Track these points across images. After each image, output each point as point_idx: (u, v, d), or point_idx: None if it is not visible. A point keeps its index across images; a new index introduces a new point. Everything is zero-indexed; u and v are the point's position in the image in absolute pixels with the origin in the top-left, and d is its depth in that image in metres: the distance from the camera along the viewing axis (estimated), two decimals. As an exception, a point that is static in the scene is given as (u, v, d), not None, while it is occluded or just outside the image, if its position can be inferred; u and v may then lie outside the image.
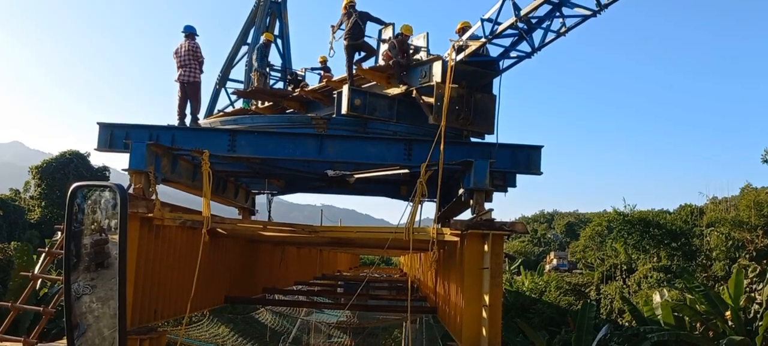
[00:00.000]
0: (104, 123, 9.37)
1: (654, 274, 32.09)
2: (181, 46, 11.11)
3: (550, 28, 8.58)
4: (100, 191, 2.72)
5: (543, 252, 76.85)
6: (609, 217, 40.21)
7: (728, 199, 40.48)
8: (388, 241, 9.29)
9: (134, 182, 8.59)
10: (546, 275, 46.67)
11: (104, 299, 2.72)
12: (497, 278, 8.06)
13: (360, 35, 10.78)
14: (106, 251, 2.72)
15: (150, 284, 8.70)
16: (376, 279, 25.83)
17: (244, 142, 9.42)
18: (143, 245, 8.41)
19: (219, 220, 9.47)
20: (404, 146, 9.30)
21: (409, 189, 9.75)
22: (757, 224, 25.97)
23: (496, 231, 8.06)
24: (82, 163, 42.90)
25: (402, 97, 10.40)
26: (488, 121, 9.63)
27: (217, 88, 15.54)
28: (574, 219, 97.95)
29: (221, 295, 12.03)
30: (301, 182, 13.46)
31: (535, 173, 9.31)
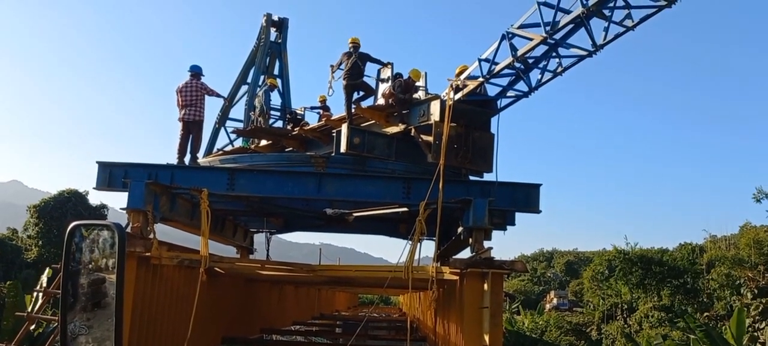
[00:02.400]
0: (103, 162, 9.38)
1: (655, 313, 31.81)
2: (186, 85, 11.19)
3: (547, 67, 8.69)
4: (99, 230, 2.71)
5: (543, 291, 76.33)
6: (610, 255, 40.08)
7: (728, 237, 40.44)
8: (387, 280, 9.23)
9: (132, 221, 8.55)
10: (546, 315, 46.23)
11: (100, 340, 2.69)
12: (497, 318, 7.98)
13: (359, 75, 10.90)
14: (103, 290, 2.70)
15: (146, 325, 8.59)
16: (375, 319, 25.51)
17: (243, 181, 9.42)
18: (140, 285, 8.34)
19: (217, 259, 9.41)
20: (403, 185, 9.30)
21: (408, 227, 9.71)
22: (757, 262, 25.87)
23: (495, 270, 8.00)
24: (81, 202, 42.78)
25: (400, 135, 10.45)
26: (487, 160, 9.65)
27: (217, 127, 15.62)
28: (574, 258, 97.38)
29: (218, 335, 11.88)
30: (300, 221, 13.43)
31: (534, 211, 9.29)
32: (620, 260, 35.92)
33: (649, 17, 7.21)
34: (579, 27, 7.76)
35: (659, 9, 6.99)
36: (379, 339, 17.25)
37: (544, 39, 7.86)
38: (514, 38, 8.31)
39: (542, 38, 7.85)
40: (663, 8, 6.94)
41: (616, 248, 38.83)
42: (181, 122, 11.14)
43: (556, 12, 7.63)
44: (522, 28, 8.20)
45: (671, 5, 6.82)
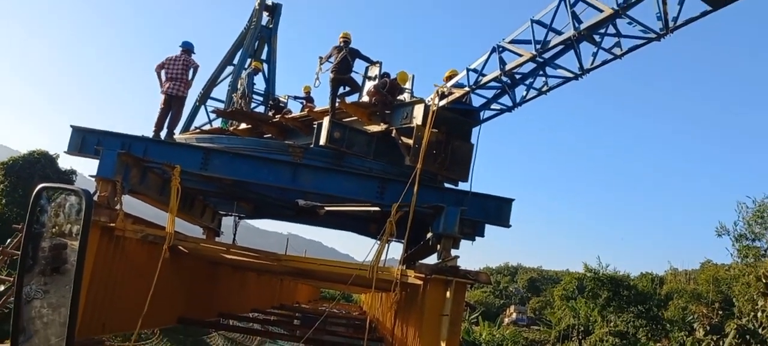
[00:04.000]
0: (77, 127, 9.20)
1: (609, 339, 32.31)
2: (175, 59, 11.01)
3: (533, 85, 8.77)
4: (66, 195, 2.63)
5: (504, 305, 76.90)
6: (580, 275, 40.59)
7: (689, 271, 41.31)
8: (352, 277, 9.20)
9: (100, 190, 8.39)
10: (504, 328, 46.65)
11: (55, 306, 2.61)
12: (456, 326, 8.02)
13: (347, 70, 10.86)
14: (63, 256, 2.63)
15: (102, 296, 8.44)
16: (335, 315, 25.45)
17: (218, 162, 9.31)
18: (101, 255, 8.20)
19: (182, 238, 9.28)
20: (378, 184, 9.28)
21: (378, 227, 9.70)
22: (714, 300, 26.45)
23: (460, 279, 8.04)
24: (50, 165, 41.80)
25: (381, 135, 10.44)
26: (464, 169, 9.69)
27: (197, 105, 15.44)
28: (538, 275, 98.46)
29: (175, 315, 11.73)
30: (271, 209, 13.34)
31: (504, 225, 9.36)
32: (590, 280, 36.45)
33: (637, 48, 7.31)
34: (568, 49, 7.83)
35: (649, 41, 7.09)
36: (337, 336, 17.22)
37: (533, 56, 7.92)
38: (504, 52, 8.36)
39: (531, 56, 7.91)
40: (652, 40, 7.04)
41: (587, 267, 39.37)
42: (163, 95, 10.96)
43: (548, 31, 7.69)
44: (513, 43, 8.25)
45: (660, 39, 6.91)
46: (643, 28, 7.03)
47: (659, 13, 6.73)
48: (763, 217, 27.47)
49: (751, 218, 27.70)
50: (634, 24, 7.05)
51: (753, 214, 27.77)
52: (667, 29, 6.72)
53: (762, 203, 27.69)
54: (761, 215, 27.51)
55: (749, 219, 27.74)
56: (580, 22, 7.35)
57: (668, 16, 6.67)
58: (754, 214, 27.71)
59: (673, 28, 6.67)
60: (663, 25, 6.74)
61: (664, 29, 6.75)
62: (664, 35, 6.82)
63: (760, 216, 27.53)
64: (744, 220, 27.99)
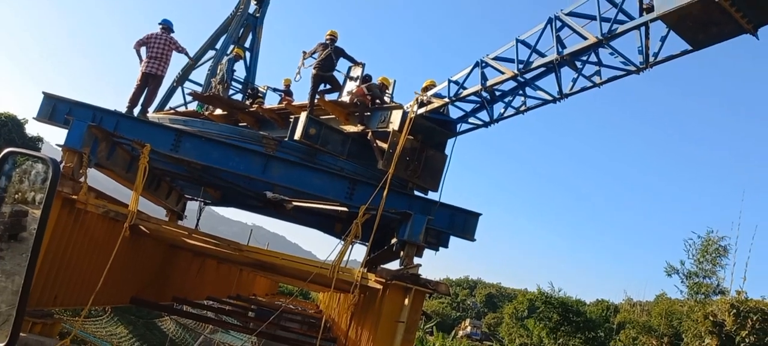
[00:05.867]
0: (49, 94, 9.03)
1: (560, 362, 32.78)
2: (155, 37, 10.86)
3: (512, 103, 8.87)
4: (33, 162, 2.57)
5: (459, 317, 77.45)
6: (532, 295, 41.12)
7: (643, 303, 42.10)
8: (312, 275, 9.16)
9: (66, 160, 8.21)
10: (457, 341, 46.96)
11: (9, 274, 2.55)
12: (411, 334, 8.05)
13: (330, 68, 10.85)
14: (23, 223, 2.56)
15: (56, 268, 8.25)
16: (291, 311, 25.31)
17: (189, 145, 9.19)
18: (59, 227, 8.02)
19: (144, 218, 9.12)
20: (348, 185, 9.28)
21: (344, 228, 9.70)
22: (665, 333, 26.98)
23: (419, 287, 8.07)
24: (16, 130, 40.77)
25: (357, 136, 10.44)
26: (435, 179, 9.75)
27: (174, 86, 15.22)
28: (496, 291, 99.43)
29: (128, 294, 11.53)
30: (238, 198, 13.20)
31: (469, 238, 9.44)
32: (542, 302, 36.94)
33: (616, 78, 7.46)
34: (549, 72, 7.96)
35: (628, 73, 7.24)
36: (290, 332, 17.13)
37: (514, 75, 8.01)
38: (487, 68, 8.44)
39: (513, 74, 8.00)
40: (631, 73, 7.19)
41: (539, 289, 39.89)
42: (141, 73, 10.79)
43: (531, 52, 7.80)
44: (497, 60, 8.34)
45: (640, 72, 7.06)
46: (623, 60, 7.17)
47: (641, 47, 6.87)
48: (708, 251, 28.14)
49: (699, 255, 28.35)
50: (615, 55, 7.19)
51: (699, 250, 28.43)
52: (647, 63, 6.86)
53: (706, 239, 28.35)
54: (706, 251, 28.17)
55: (697, 257, 28.39)
56: (563, 46, 7.47)
57: (649, 51, 6.82)
58: (700, 250, 28.37)
59: (652, 63, 6.81)
60: (643, 59, 6.89)
61: (644, 63, 6.89)
62: (643, 69, 6.96)
63: (705, 251, 28.19)
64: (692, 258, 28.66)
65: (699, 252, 28.03)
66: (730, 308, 19.35)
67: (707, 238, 28.23)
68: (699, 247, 28.18)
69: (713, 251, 27.67)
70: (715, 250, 27.71)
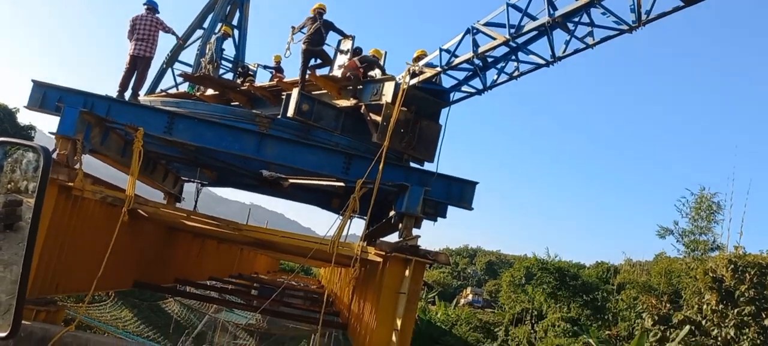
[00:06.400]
0: (39, 81, 8.95)
1: (562, 323, 33.20)
2: (141, 19, 10.76)
3: (504, 69, 8.83)
4: (24, 150, 2.57)
5: (461, 286, 78.24)
6: (529, 262, 41.53)
7: (643, 263, 42.53)
8: (312, 251, 9.21)
9: (60, 148, 8.18)
10: (459, 309, 47.46)
11: (7, 263, 2.56)
12: (413, 305, 8.12)
13: (320, 42, 10.76)
14: (18, 213, 2.57)
15: (56, 256, 8.28)
16: (293, 287, 25.48)
17: (183, 127, 9.15)
18: (57, 214, 8.02)
19: (142, 201, 9.13)
20: (344, 159, 9.27)
21: (342, 202, 9.71)
22: (665, 291, 27.32)
23: (419, 258, 8.12)
24: (8, 119, 40.55)
25: (350, 110, 10.41)
26: (430, 150, 9.74)
27: (164, 68, 15.10)
28: (496, 259, 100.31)
29: (130, 278, 11.59)
30: (234, 178, 13.20)
31: (467, 207, 9.46)
32: (538, 269, 37.33)
33: (609, 39, 7.42)
34: (542, 35, 7.92)
35: (620, 32, 7.21)
36: (294, 307, 17.28)
37: (506, 41, 7.97)
38: (478, 34, 8.39)
39: (505, 40, 7.96)
40: (624, 32, 7.16)
41: (535, 256, 40.26)
42: (129, 56, 10.71)
43: (523, 16, 7.75)
44: (488, 25, 8.29)
45: (632, 31, 7.04)
46: (616, 19, 7.14)
47: (633, 6, 6.84)
48: (701, 209, 28.41)
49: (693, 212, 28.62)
50: (607, 14, 7.15)
51: (693, 208, 28.70)
52: (640, 22, 6.83)
53: (699, 196, 28.61)
54: (699, 208, 28.45)
55: (692, 215, 28.67)
56: (555, 8, 7.43)
57: (641, 9, 6.78)
58: (694, 208, 28.64)
59: (645, 21, 6.79)
60: (636, 17, 6.85)
61: (637, 22, 6.86)
62: (636, 28, 6.93)
63: (699, 209, 28.47)
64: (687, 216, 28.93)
65: (693, 210, 28.29)
66: (728, 263, 19.56)
67: (700, 195, 28.47)
68: (692, 205, 28.43)
69: (707, 208, 27.94)
70: (708, 207, 27.98)
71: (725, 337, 18.31)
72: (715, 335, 18.70)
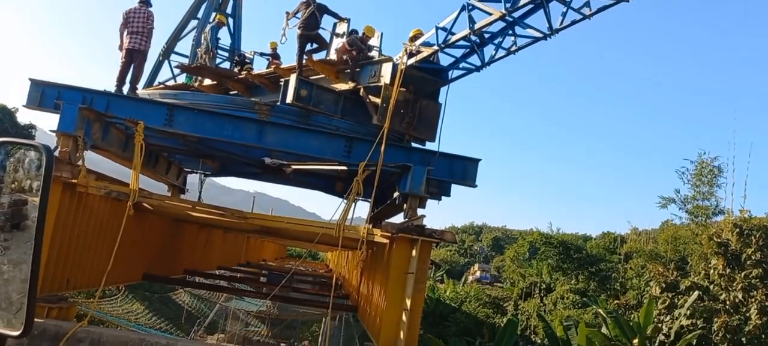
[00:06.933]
0: (36, 80, 8.94)
1: (570, 295, 33.33)
2: (135, 12, 10.74)
3: (502, 45, 8.79)
4: (25, 149, 2.57)
5: (468, 263, 78.46)
6: (532, 237, 41.64)
7: (649, 231, 42.55)
8: (318, 236, 9.25)
9: (61, 145, 8.22)
10: (468, 286, 47.67)
11: (16, 263, 2.57)
12: (421, 284, 8.16)
13: (315, 26, 10.71)
14: (24, 212, 2.58)
15: (65, 253, 8.34)
16: (301, 272, 25.64)
17: (183, 119, 9.16)
18: (63, 212, 8.07)
19: (146, 194, 9.17)
20: (345, 143, 9.28)
21: (345, 186, 9.74)
22: (672, 258, 27.39)
23: (425, 238, 8.15)
24: (8, 119, 40.63)
25: (349, 94, 10.39)
26: (431, 129, 9.74)
27: (161, 60, 15.05)
28: (502, 234, 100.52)
29: (140, 271, 11.67)
30: (237, 166, 13.23)
31: (470, 185, 9.48)
32: (542, 243, 37.44)
33: (607, 8, 7.38)
34: (538, 8, 7.86)
35: (618, 1, 7.17)
36: (303, 292, 17.40)
37: (502, 15, 7.92)
38: (474, 10, 8.33)
39: (501, 14, 7.91)
40: (622, 1, 7.12)
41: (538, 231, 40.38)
42: (125, 49, 10.70)
43: (518, -11, 7.70)
44: (483, 1, 8.23)
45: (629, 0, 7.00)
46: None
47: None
48: (703, 174, 28.46)
49: (695, 178, 28.67)
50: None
51: (693, 175, 28.74)
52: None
53: (699, 162, 28.65)
54: (700, 173, 28.49)
55: (693, 181, 28.73)
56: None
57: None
58: (695, 174, 28.68)
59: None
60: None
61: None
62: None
63: (700, 174, 28.51)
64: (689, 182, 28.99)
65: (694, 176, 28.31)
66: (733, 227, 19.57)
67: (700, 161, 28.48)
68: (693, 171, 28.45)
69: (708, 173, 27.96)
70: (709, 172, 28.01)
71: (733, 300, 18.35)
72: (723, 299, 18.75)
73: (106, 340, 7.75)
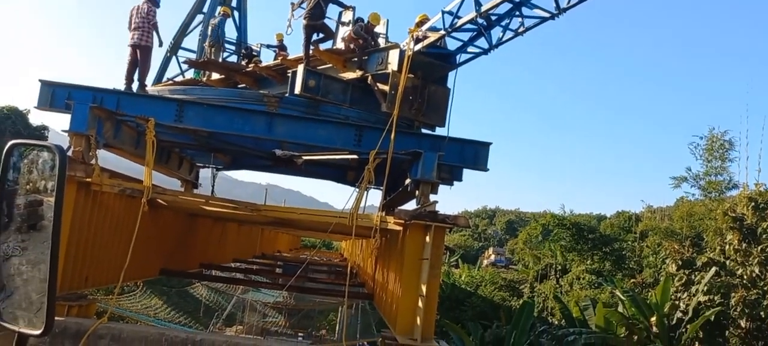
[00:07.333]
0: (46, 81, 9.01)
1: (586, 276, 33.29)
2: (139, 9, 10.79)
3: (509, 26, 8.71)
4: (39, 151, 2.60)
5: (482, 247, 78.50)
6: (545, 220, 41.57)
7: (663, 208, 42.33)
8: (332, 225, 9.29)
9: (74, 145, 8.29)
10: (483, 270, 47.72)
11: (34, 263, 2.61)
12: (436, 270, 8.17)
13: (320, 16, 10.69)
14: (40, 213, 2.61)
15: (83, 251, 8.44)
16: (316, 262, 25.76)
17: (192, 114, 9.21)
18: (79, 210, 8.16)
19: (160, 191, 9.25)
20: (355, 132, 9.28)
21: (357, 175, 9.74)
22: (687, 235, 27.24)
23: (439, 223, 8.15)
24: (21, 121, 41.01)
25: (357, 82, 10.38)
26: (440, 114, 9.72)
27: (168, 56, 15.11)
28: (515, 217, 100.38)
29: (157, 267, 11.79)
30: (248, 159, 13.28)
31: (482, 169, 9.45)
32: (555, 225, 37.40)
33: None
34: (545, -13, 7.79)
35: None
36: (319, 282, 17.49)
37: (508, -4, 7.85)
38: (480, -8, 8.27)
39: (507, -5, 7.85)
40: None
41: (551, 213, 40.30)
42: (129, 47, 10.75)
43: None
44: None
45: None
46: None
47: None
48: (714, 149, 28.25)
49: (706, 153, 28.46)
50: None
51: (705, 150, 28.53)
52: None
53: (710, 137, 28.42)
54: (712, 148, 28.28)
55: (705, 156, 28.53)
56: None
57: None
58: (706, 149, 28.46)
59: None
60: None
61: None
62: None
63: (711, 149, 28.30)
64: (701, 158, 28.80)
65: (705, 151, 28.11)
66: (748, 201, 19.41)
67: (711, 136, 28.24)
68: (704, 146, 28.24)
69: (719, 147, 27.77)
70: (720, 146, 27.80)
71: (750, 275, 18.25)
72: (740, 274, 18.65)
73: (127, 336, 7.84)
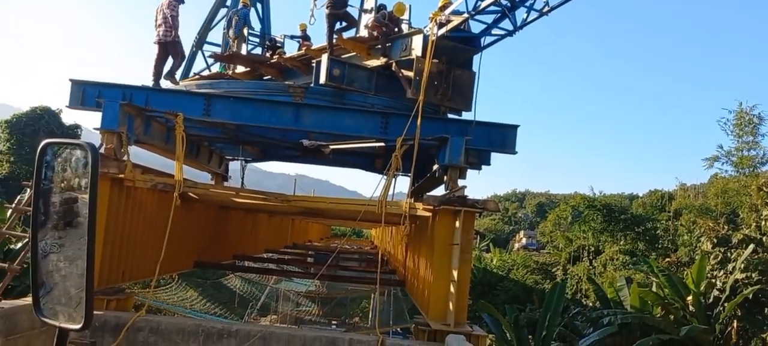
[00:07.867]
0: (76, 80, 9.17)
1: (620, 256, 32.84)
2: (162, 6, 10.88)
3: (534, 6, 8.58)
4: (71, 149, 2.64)
5: (513, 231, 78.08)
6: (575, 202, 41.09)
7: (697, 186, 41.47)
8: (361, 213, 9.31)
9: (106, 142, 8.45)
10: (514, 254, 47.44)
11: (72, 259, 2.66)
12: (467, 255, 8.15)
13: (343, 5, 10.67)
14: (75, 210, 2.66)
15: (119, 246, 8.63)
16: (347, 251, 25.95)
17: (220, 107, 9.30)
18: (113, 206, 8.32)
19: (191, 184, 9.38)
20: (381, 119, 9.27)
21: (384, 162, 9.74)
22: (723, 212, 26.67)
23: (468, 208, 8.11)
24: (53, 120, 42.00)
25: (381, 69, 10.35)
26: (466, 98, 9.64)
27: (194, 51, 15.23)
28: (546, 199, 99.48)
29: (191, 259, 11.98)
30: (276, 151, 13.38)
31: (510, 152, 9.37)
32: (585, 207, 36.94)
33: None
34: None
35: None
36: (350, 270, 17.61)
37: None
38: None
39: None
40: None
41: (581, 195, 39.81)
42: (156, 44, 10.84)
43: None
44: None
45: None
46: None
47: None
48: (742, 124, 27.54)
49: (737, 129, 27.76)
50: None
51: (734, 125, 27.83)
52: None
53: (738, 113, 27.71)
54: (740, 124, 27.57)
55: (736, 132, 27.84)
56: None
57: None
58: (736, 125, 27.76)
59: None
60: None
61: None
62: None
63: (740, 125, 27.59)
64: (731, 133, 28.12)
65: (735, 126, 27.49)
66: (785, 175, 18.88)
67: (740, 111, 27.57)
68: (733, 121, 27.61)
69: (748, 122, 27.11)
70: (749, 121, 27.14)
71: (789, 251, 17.77)
72: (777, 250, 18.16)
73: (165, 327, 7.99)
